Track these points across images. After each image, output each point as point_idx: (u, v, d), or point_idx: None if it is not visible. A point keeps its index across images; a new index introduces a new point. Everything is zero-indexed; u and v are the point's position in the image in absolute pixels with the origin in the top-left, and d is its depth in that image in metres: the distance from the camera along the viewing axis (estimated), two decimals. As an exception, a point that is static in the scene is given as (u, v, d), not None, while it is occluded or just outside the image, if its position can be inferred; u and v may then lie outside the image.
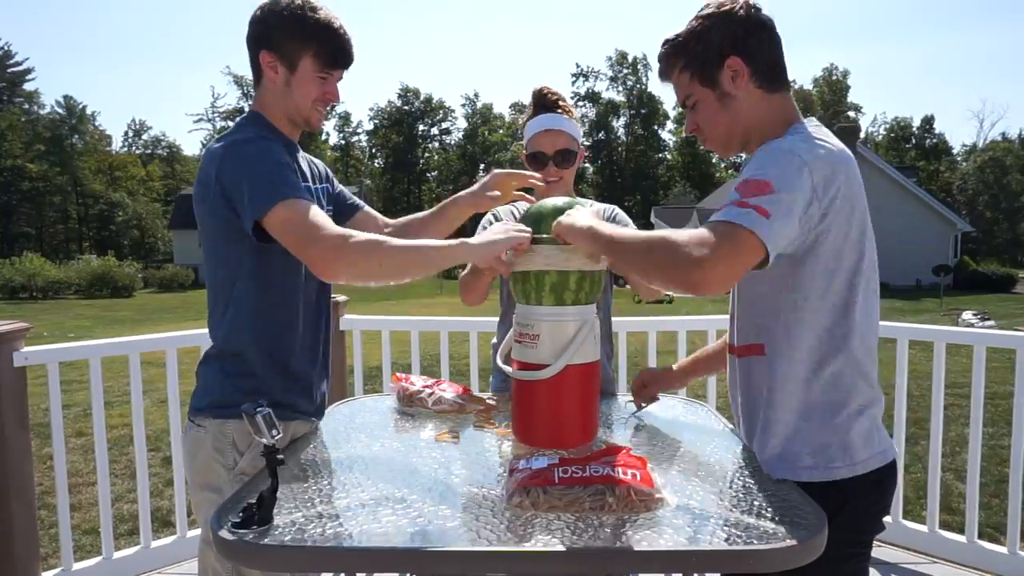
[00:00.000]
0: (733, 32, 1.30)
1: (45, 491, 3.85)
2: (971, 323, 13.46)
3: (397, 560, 1.00)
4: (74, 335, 13.42)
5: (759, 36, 1.31)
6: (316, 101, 1.52)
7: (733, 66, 1.30)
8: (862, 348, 1.29)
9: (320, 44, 1.48)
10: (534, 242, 1.43)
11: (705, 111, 1.36)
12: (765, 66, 1.32)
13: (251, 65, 1.52)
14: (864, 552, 1.33)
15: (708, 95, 1.34)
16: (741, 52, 1.30)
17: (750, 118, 1.34)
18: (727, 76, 1.32)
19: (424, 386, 1.82)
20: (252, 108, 1.56)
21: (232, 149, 1.42)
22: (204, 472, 1.49)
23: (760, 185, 1.16)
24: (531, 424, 1.47)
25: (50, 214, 52.98)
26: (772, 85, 1.33)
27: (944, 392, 2.78)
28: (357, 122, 77.24)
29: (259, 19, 1.48)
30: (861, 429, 1.29)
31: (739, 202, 1.16)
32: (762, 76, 1.32)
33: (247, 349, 1.50)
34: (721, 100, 1.34)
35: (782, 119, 1.33)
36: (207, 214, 1.45)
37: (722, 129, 1.36)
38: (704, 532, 1.03)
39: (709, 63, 1.32)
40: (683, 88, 1.38)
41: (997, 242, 53.47)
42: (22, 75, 54.35)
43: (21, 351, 2.41)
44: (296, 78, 1.49)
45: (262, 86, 1.53)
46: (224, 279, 1.50)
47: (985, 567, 2.66)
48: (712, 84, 1.33)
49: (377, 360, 3.62)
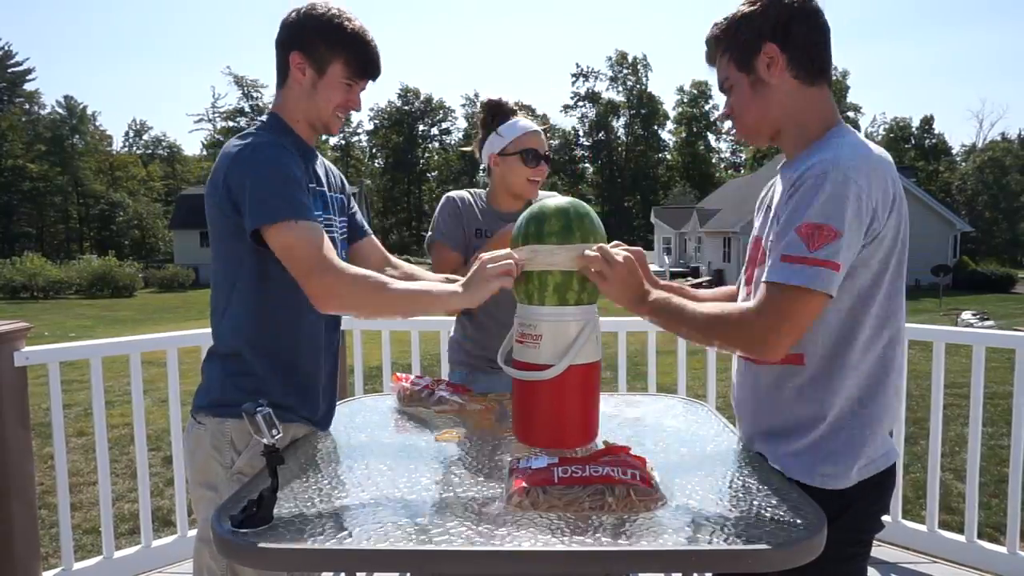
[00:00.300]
0: (776, 18, 1.28)
1: (46, 491, 3.85)
2: (970, 323, 13.47)
3: (397, 560, 1.00)
4: (75, 335, 13.42)
5: (802, 25, 1.28)
6: (338, 107, 1.54)
7: (770, 53, 1.28)
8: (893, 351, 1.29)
9: (352, 52, 1.50)
10: (534, 243, 1.43)
11: (738, 96, 1.34)
12: (804, 56, 1.29)
13: (278, 66, 1.53)
14: (864, 552, 1.33)
15: (743, 80, 1.32)
16: (779, 39, 1.28)
17: (784, 109, 1.31)
18: (763, 62, 1.29)
19: (425, 386, 1.83)
20: (272, 110, 1.57)
21: (245, 153, 1.42)
22: (202, 470, 1.50)
23: (824, 232, 1.14)
24: (532, 424, 1.47)
25: (51, 214, 53.02)
26: (810, 77, 1.30)
27: (944, 392, 2.78)
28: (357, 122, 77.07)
29: (294, 21, 1.50)
30: (877, 436, 1.28)
31: (808, 259, 1.14)
32: (799, 66, 1.29)
33: (246, 349, 1.50)
34: (754, 87, 1.32)
35: (820, 117, 1.31)
36: (215, 213, 1.46)
37: (753, 115, 1.34)
38: (704, 532, 1.03)
39: (747, 48, 1.30)
40: (721, 71, 1.36)
41: (996, 242, 53.44)
42: (22, 75, 54.38)
43: (22, 351, 2.41)
44: (323, 82, 1.50)
45: (287, 87, 1.53)
46: (226, 278, 1.50)
47: (985, 567, 2.66)
48: (747, 69, 1.31)
49: (377, 360, 3.63)
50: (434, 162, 70.75)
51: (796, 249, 1.16)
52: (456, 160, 68.06)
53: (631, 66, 66.64)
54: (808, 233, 1.15)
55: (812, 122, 1.31)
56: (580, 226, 1.41)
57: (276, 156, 1.43)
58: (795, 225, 1.17)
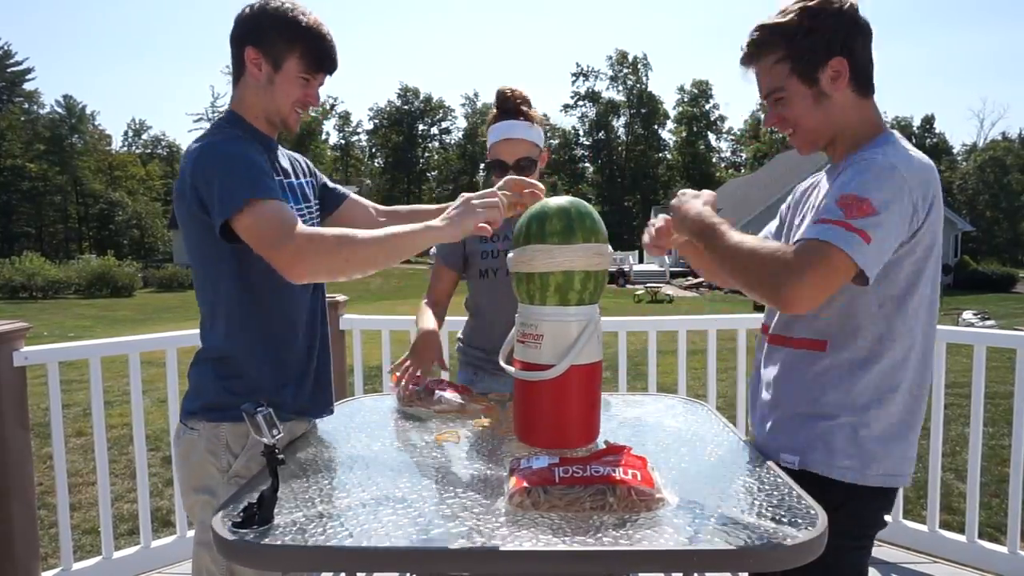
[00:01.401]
0: (843, 31, 1.27)
1: (45, 491, 3.85)
2: (971, 323, 13.47)
3: (397, 560, 1.00)
4: (74, 335, 13.42)
5: (862, 39, 1.29)
6: (296, 103, 1.52)
7: (836, 67, 1.28)
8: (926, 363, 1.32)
9: (307, 46, 1.49)
10: (536, 243, 1.43)
11: (797, 108, 1.33)
12: (864, 70, 1.30)
13: (233, 62, 1.52)
14: (866, 546, 1.34)
15: (804, 92, 1.31)
16: (846, 53, 1.27)
17: (841, 121, 1.32)
18: (828, 76, 1.29)
19: (426, 386, 1.82)
20: (230, 107, 1.56)
21: (207, 150, 1.41)
22: (198, 475, 1.49)
23: (863, 206, 1.15)
24: (533, 424, 1.46)
25: (50, 214, 52.98)
26: (865, 90, 1.32)
27: (944, 392, 2.78)
28: (357, 122, 77.23)
29: (248, 16, 1.49)
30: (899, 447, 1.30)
31: (843, 222, 1.15)
32: (858, 80, 1.30)
33: (237, 352, 1.49)
34: (817, 99, 1.31)
35: (871, 124, 1.33)
36: (187, 218, 1.44)
37: (812, 127, 1.34)
38: (704, 532, 1.03)
39: (812, 60, 1.29)
40: (774, 79, 1.33)
41: (997, 242, 53.48)
42: (22, 75, 54.34)
43: (21, 351, 2.41)
44: (280, 77, 1.49)
45: (243, 83, 1.51)
46: (208, 281, 1.49)
47: (985, 567, 2.66)
48: (811, 82, 1.30)
49: (377, 360, 3.62)
50: (434, 162, 70.74)
51: (833, 214, 1.17)
52: (456, 159, 68.08)
53: (631, 66, 66.60)
54: (847, 203, 1.16)
55: (864, 130, 1.32)
56: (582, 226, 1.41)
57: (236, 148, 1.42)
58: (836, 197, 1.18)
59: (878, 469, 1.29)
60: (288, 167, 1.62)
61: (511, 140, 2.00)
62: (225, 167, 1.38)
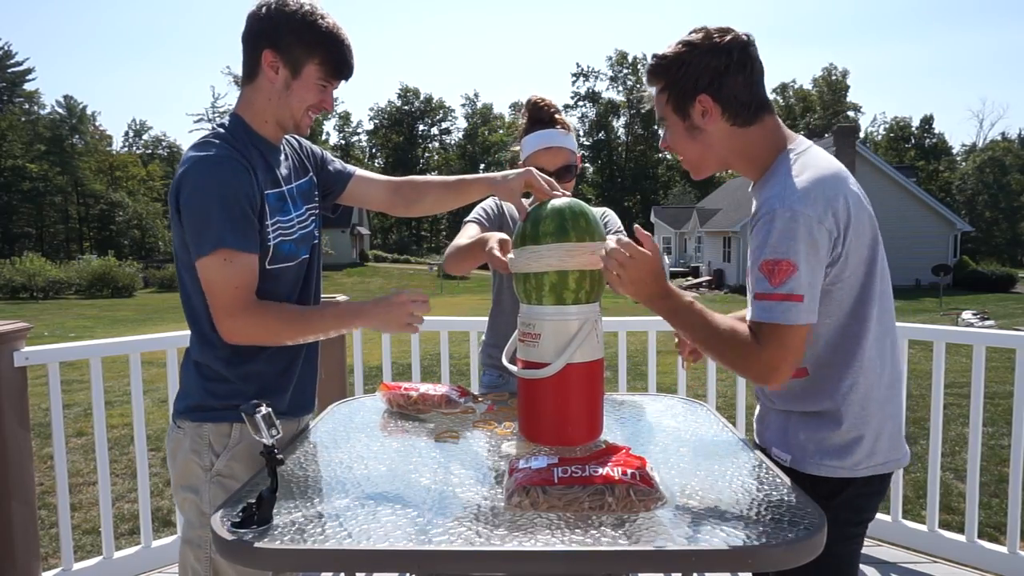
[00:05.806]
0: (712, 68, 1.29)
1: (45, 491, 3.85)
2: (971, 323, 13.46)
3: (397, 560, 1.00)
4: (75, 335, 13.42)
5: (738, 76, 1.29)
6: (310, 108, 1.49)
7: (704, 103, 1.31)
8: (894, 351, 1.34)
9: (327, 52, 1.45)
10: (531, 243, 1.44)
11: (675, 137, 1.38)
12: (739, 105, 1.31)
13: (246, 62, 1.47)
14: (861, 533, 1.37)
15: (678, 123, 1.36)
16: (714, 91, 1.29)
17: (723, 150, 1.35)
18: (697, 111, 1.32)
19: (419, 395, 1.79)
20: (235, 111, 1.50)
21: (194, 173, 1.37)
22: (183, 473, 1.49)
23: (782, 267, 1.19)
24: (536, 422, 1.48)
25: (50, 214, 52.98)
26: (745, 121, 1.32)
27: (944, 392, 2.78)
28: (357, 122, 77.26)
29: (265, 16, 1.42)
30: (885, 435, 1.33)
31: (772, 295, 1.20)
32: (734, 115, 1.31)
33: (215, 359, 1.48)
34: (690, 132, 1.35)
35: (765, 147, 1.34)
36: (174, 220, 1.43)
37: (692, 156, 1.38)
38: (704, 532, 1.03)
39: (683, 94, 1.32)
40: (659, 108, 1.39)
41: (997, 242, 53.48)
42: (22, 75, 54.38)
43: (21, 351, 2.41)
44: (297, 82, 1.45)
45: (255, 85, 1.46)
46: (189, 285, 1.47)
47: (985, 567, 2.66)
48: (683, 115, 1.34)
49: (377, 360, 3.63)
50: (434, 162, 70.75)
51: (762, 286, 1.22)
52: (456, 160, 68.08)
53: (631, 66, 66.60)
54: (769, 270, 1.21)
55: (758, 154, 1.34)
56: (575, 226, 1.42)
57: (223, 175, 1.37)
58: (757, 263, 1.23)
59: (868, 461, 1.31)
60: (286, 172, 1.56)
61: (551, 149, 2.01)
62: (203, 203, 1.36)
